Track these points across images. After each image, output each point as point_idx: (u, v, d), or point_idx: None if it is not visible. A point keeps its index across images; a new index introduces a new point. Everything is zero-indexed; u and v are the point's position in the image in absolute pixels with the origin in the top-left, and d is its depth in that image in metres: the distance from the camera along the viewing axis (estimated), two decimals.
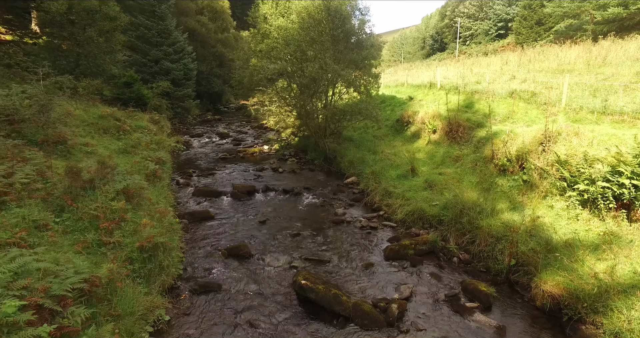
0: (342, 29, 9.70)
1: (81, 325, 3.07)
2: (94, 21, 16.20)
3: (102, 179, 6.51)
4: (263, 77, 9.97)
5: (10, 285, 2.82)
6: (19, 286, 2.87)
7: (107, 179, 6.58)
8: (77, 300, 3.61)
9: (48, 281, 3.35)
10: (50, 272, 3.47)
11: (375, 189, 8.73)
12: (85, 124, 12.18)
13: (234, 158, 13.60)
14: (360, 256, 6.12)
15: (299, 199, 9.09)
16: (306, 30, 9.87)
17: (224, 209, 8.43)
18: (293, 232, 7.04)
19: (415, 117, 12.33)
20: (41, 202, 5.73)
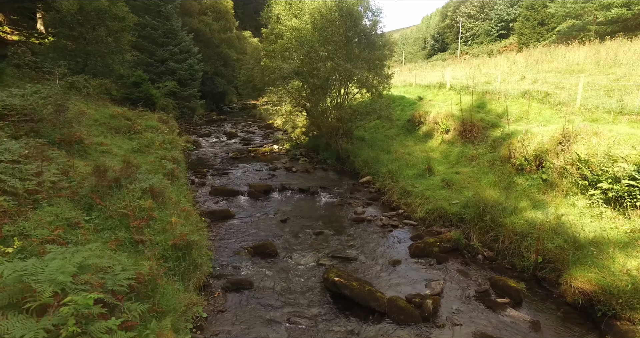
0: (355, 29, 9.79)
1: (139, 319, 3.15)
2: (103, 21, 16.26)
3: (127, 178, 6.58)
4: (278, 76, 10.03)
5: (75, 279, 2.89)
6: (82, 280, 2.94)
7: (131, 179, 6.64)
8: (125, 296, 3.68)
9: (101, 277, 3.43)
10: (101, 268, 3.54)
11: (393, 189, 8.82)
12: (98, 123, 12.25)
13: (245, 157, 13.67)
14: (385, 254, 6.21)
15: (316, 198, 9.17)
16: (319, 31, 9.94)
17: (243, 208, 8.50)
18: (316, 230, 7.12)
19: (427, 117, 12.43)
20: (69, 201, 5.81)
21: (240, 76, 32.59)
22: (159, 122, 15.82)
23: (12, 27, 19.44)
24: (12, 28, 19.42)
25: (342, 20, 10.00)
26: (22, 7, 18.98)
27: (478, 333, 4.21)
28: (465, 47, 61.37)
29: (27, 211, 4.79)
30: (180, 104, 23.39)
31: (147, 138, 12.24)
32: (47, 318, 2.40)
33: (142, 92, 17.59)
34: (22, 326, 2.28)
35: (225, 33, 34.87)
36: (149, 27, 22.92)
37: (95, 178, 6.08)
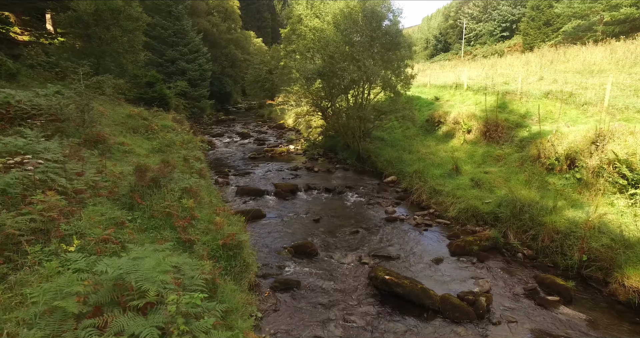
0: (381, 30, 9.84)
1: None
2: (117, 21, 16.31)
3: (164, 178, 6.62)
4: (301, 76, 10.06)
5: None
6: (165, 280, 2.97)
7: (168, 178, 6.68)
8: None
9: (177, 277, 3.46)
10: (176, 267, 3.58)
11: (421, 188, 8.86)
12: (116, 123, 12.31)
13: (263, 157, 13.71)
14: (425, 252, 6.26)
15: (344, 198, 9.21)
16: (343, 32, 9.98)
17: (273, 207, 8.54)
18: (351, 230, 7.16)
19: (447, 117, 12.48)
20: (109, 200, 5.85)
21: (247, 76, 32.78)
22: (173, 122, 15.88)
23: (22, 28, 19.47)
24: (21, 28, 19.45)
25: (366, 21, 10.05)
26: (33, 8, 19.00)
27: (536, 330, 4.26)
28: (469, 48, 61.52)
29: (77, 210, 4.83)
30: (190, 104, 23.43)
31: (168, 138, 12.28)
32: (154, 316, 2.43)
33: (156, 92, 17.64)
34: (134, 323, 2.32)
35: (231, 33, 34.91)
36: (159, 27, 22.95)
37: (136, 177, 6.11)
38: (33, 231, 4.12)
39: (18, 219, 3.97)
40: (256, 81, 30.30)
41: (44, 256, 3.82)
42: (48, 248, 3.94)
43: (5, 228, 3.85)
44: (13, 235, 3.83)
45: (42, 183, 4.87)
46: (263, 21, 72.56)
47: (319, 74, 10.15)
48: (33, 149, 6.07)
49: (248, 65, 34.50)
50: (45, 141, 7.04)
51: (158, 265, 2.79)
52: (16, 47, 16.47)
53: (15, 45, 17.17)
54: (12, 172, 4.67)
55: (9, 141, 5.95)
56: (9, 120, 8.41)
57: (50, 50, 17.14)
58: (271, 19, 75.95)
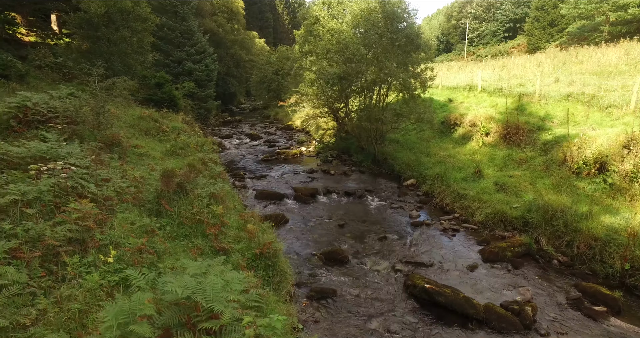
0: (402, 32, 9.71)
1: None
2: (126, 22, 16.18)
3: (190, 183, 6.48)
4: (321, 79, 9.95)
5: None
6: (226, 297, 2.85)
7: (194, 183, 6.55)
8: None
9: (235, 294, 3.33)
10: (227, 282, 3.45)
11: (444, 192, 8.74)
12: (128, 125, 12.19)
13: (276, 159, 13.58)
14: (458, 258, 6.13)
15: (365, 202, 9.08)
16: (363, 33, 9.86)
17: (294, 212, 8.41)
18: (379, 235, 7.03)
19: (463, 119, 12.36)
20: (134, 206, 5.73)
21: (253, 76, 32.63)
22: (183, 123, 15.76)
23: (27, 28, 19.35)
24: (27, 29, 19.33)
25: (385, 22, 9.92)
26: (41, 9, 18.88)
27: None
28: (471, 48, 61.44)
29: (108, 218, 4.70)
30: (197, 105, 23.30)
31: (182, 140, 12.17)
32: None
33: (165, 93, 17.51)
34: None
35: (236, 34, 34.76)
36: (166, 27, 22.81)
37: (162, 183, 5.98)
38: (69, 241, 3.99)
39: (57, 229, 3.84)
40: (262, 82, 30.15)
41: (83, 268, 3.70)
42: (86, 259, 3.82)
43: (45, 238, 3.72)
44: (53, 246, 3.71)
45: (72, 190, 4.75)
46: (265, 21, 72.51)
47: (340, 78, 10.02)
48: (57, 154, 5.94)
49: (253, 65, 34.36)
50: (66, 145, 6.92)
51: (227, 284, 2.65)
52: (23, 48, 16.33)
53: (22, 46, 17.03)
54: (43, 179, 4.55)
55: (32, 146, 5.81)
56: (26, 123, 8.28)
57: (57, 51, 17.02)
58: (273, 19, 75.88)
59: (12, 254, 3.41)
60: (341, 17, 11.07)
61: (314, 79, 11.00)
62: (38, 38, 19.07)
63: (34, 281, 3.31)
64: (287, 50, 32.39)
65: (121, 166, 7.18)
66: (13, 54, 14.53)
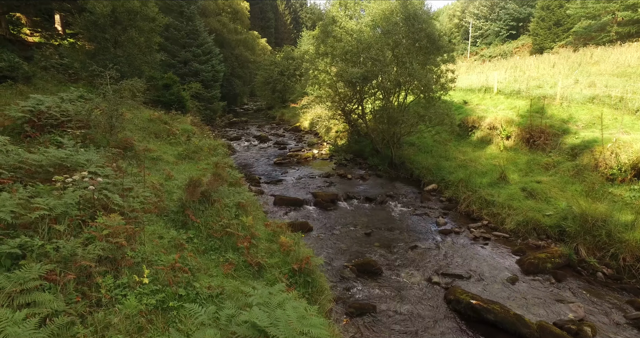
0: (424, 32, 9.44)
1: None
2: (134, 22, 15.89)
3: (215, 192, 6.20)
4: (345, 80, 9.66)
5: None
6: None
7: (219, 192, 6.27)
8: None
9: None
10: None
11: (469, 198, 8.47)
12: (138, 128, 11.93)
13: (289, 163, 13.30)
14: (495, 270, 5.87)
15: (387, 208, 8.81)
16: (385, 34, 9.58)
17: (317, 219, 8.14)
18: (409, 244, 6.77)
19: (481, 122, 12.10)
20: (158, 217, 5.46)
21: (257, 77, 32.34)
22: (192, 125, 15.50)
23: (31, 29, 19.09)
24: (31, 30, 19.07)
25: (407, 23, 9.64)
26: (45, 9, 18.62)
27: None
28: (474, 48, 61.14)
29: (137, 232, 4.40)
30: (203, 106, 23.02)
31: (194, 143, 11.91)
32: None
33: (173, 95, 17.24)
34: None
35: (241, 34, 34.47)
36: (172, 27, 22.52)
37: (187, 192, 5.70)
38: (100, 260, 3.71)
39: (89, 248, 3.56)
40: (267, 82, 29.87)
41: (118, 291, 3.42)
42: (120, 281, 3.54)
43: (77, 258, 3.45)
44: (86, 266, 3.43)
45: (97, 202, 4.47)
46: (267, 21, 72.32)
47: (363, 78, 9.74)
48: (76, 161, 5.67)
49: (257, 66, 34.09)
50: (84, 152, 6.65)
51: (302, 317, 2.38)
52: (28, 49, 16.08)
53: (26, 47, 16.77)
54: (68, 191, 4.26)
55: (51, 153, 5.53)
56: (39, 128, 8.01)
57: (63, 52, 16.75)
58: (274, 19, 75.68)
59: (46, 277, 3.13)
60: (358, 18, 10.78)
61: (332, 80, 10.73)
62: (42, 39, 18.81)
63: (70, 307, 3.03)
64: (293, 50, 32.13)
65: (139, 173, 6.91)
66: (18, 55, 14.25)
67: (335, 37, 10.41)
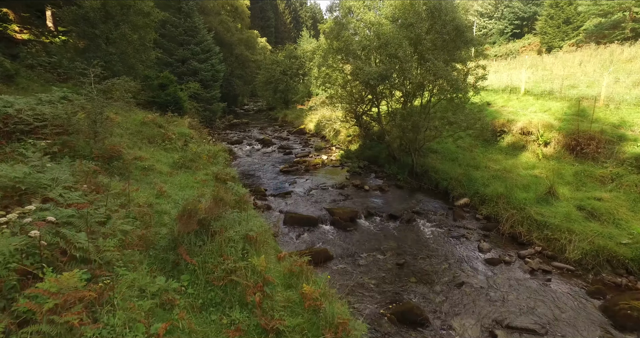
0: (451, 24, 8.20)
1: None
2: (127, 17, 14.61)
3: (216, 220, 4.91)
4: (361, 80, 8.43)
5: None
6: None
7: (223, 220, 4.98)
8: None
9: None
10: None
11: (513, 217, 7.21)
12: (129, 132, 10.66)
13: (296, 170, 12.03)
14: (576, 321, 4.61)
15: (416, 228, 7.55)
16: (407, 27, 8.35)
17: (335, 243, 6.87)
18: (455, 280, 5.51)
19: (511, 126, 10.85)
20: (141, 254, 4.18)
21: (259, 76, 31.08)
22: (190, 128, 14.25)
23: (21, 26, 17.84)
24: (20, 26, 17.81)
25: (431, 14, 8.42)
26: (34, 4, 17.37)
27: None
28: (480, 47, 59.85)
29: (106, 292, 3.03)
30: (202, 107, 21.76)
31: (191, 149, 10.64)
32: None
33: (170, 95, 15.98)
34: None
35: (241, 32, 33.21)
36: (169, 24, 21.25)
37: (180, 224, 4.41)
38: None
39: None
40: (268, 82, 28.61)
41: None
42: None
43: None
44: None
45: (51, 246, 3.16)
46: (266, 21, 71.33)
47: (382, 78, 8.51)
48: (37, 182, 4.37)
49: (259, 65, 32.84)
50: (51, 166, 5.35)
51: None
52: (15, 46, 14.85)
53: (13, 44, 15.52)
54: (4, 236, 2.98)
55: (4, 172, 4.23)
56: (6, 135, 6.72)
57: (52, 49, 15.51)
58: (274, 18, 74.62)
59: None
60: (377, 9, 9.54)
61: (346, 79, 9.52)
62: (32, 36, 17.56)
63: None
64: (295, 49, 30.89)
65: (123, 192, 5.63)
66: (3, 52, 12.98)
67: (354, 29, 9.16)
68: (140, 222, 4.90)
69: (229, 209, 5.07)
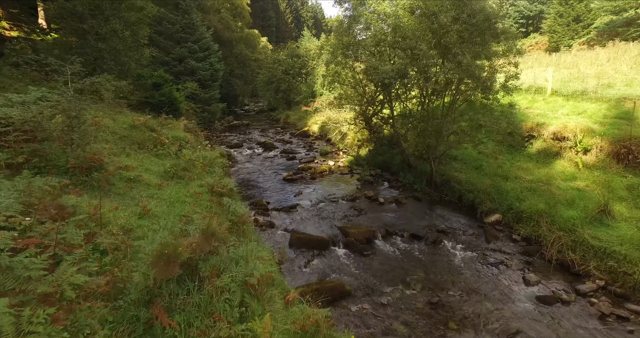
0: (482, 13, 7.11)
1: None
2: (117, 11, 13.54)
3: (205, 261, 3.82)
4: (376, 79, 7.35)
5: None
6: None
7: (216, 259, 3.89)
8: None
9: None
10: None
11: (559, 240, 6.10)
12: (117, 137, 9.57)
13: (301, 178, 10.92)
14: None
15: (444, 252, 6.45)
16: (430, 17, 7.27)
17: (352, 272, 5.77)
18: (508, 330, 4.39)
19: (542, 130, 9.75)
20: (109, 311, 3.12)
21: (260, 76, 29.99)
22: (185, 132, 13.17)
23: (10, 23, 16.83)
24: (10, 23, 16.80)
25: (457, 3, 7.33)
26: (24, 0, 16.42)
27: None
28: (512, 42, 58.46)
29: None
30: (200, 108, 20.68)
31: (185, 156, 9.56)
32: None
33: (164, 96, 14.89)
34: None
35: (241, 31, 32.13)
36: (166, 21, 20.17)
37: (157, 270, 3.33)
38: None
39: None
40: (270, 82, 27.52)
41: None
42: None
43: None
44: None
45: None
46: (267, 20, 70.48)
47: (400, 76, 7.42)
48: None
49: (260, 64, 31.77)
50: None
51: None
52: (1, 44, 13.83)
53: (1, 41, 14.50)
54: None
55: None
56: None
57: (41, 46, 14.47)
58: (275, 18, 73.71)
59: None
60: None
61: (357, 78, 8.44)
62: (22, 33, 16.53)
63: None
64: (297, 47, 29.84)
65: (94, 215, 4.57)
66: None
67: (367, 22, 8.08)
68: (111, 258, 3.83)
69: (224, 241, 3.97)
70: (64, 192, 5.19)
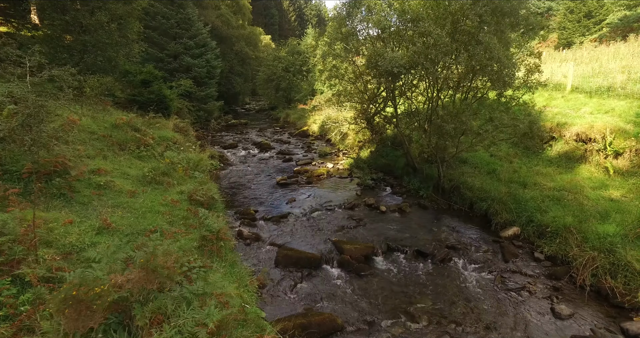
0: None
1: None
2: (104, 3, 12.75)
3: (145, 303, 2.92)
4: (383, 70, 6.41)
5: None
6: None
7: (163, 300, 2.99)
8: None
9: None
10: None
11: (594, 262, 5.14)
12: (95, 137, 8.73)
13: (296, 183, 10.02)
14: None
15: (455, 273, 5.51)
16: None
17: (345, 299, 4.86)
18: None
19: (563, 131, 8.75)
20: None
21: (260, 74, 29.13)
22: (175, 131, 12.33)
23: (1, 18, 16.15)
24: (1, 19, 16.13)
25: None
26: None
27: None
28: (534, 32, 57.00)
29: None
30: (196, 107, 19.85)
31: (167, 157, 8.72)
32: None
33: (153, 93, 14.06)
34: None
35: (242, 28, 31.27)
36: (159, 15, 19.37)
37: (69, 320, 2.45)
38: None
39: None
40: (270, 80, 26.65)
41: None
42: None
43: None
44: None
45: None
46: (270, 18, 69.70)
47: (410, 66, 6.49)
48: None
49: (260, 63, 30.90)
50: None
51: None
52: None
53: None
54: None
55: None
56: None
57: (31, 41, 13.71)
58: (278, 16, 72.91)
59: None
60: None
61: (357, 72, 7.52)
62: (11, 29, 15.83)
63: None
64: (298, 44, 28.93)
65: (25, 236, 3.73)
66: None
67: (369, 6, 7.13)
68: (32, 294, 2.99)
69: (169, 278, 3.07)
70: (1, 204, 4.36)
